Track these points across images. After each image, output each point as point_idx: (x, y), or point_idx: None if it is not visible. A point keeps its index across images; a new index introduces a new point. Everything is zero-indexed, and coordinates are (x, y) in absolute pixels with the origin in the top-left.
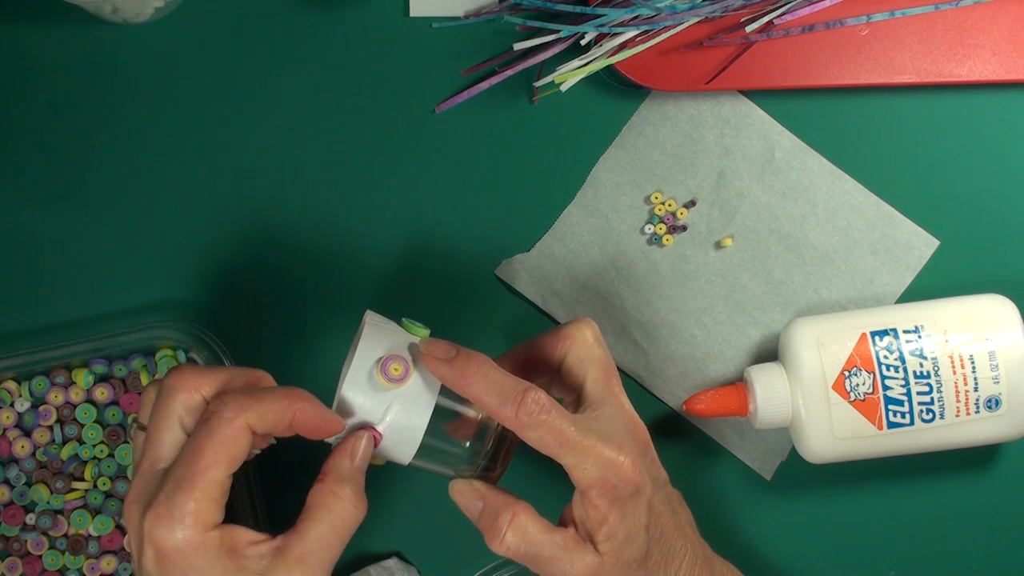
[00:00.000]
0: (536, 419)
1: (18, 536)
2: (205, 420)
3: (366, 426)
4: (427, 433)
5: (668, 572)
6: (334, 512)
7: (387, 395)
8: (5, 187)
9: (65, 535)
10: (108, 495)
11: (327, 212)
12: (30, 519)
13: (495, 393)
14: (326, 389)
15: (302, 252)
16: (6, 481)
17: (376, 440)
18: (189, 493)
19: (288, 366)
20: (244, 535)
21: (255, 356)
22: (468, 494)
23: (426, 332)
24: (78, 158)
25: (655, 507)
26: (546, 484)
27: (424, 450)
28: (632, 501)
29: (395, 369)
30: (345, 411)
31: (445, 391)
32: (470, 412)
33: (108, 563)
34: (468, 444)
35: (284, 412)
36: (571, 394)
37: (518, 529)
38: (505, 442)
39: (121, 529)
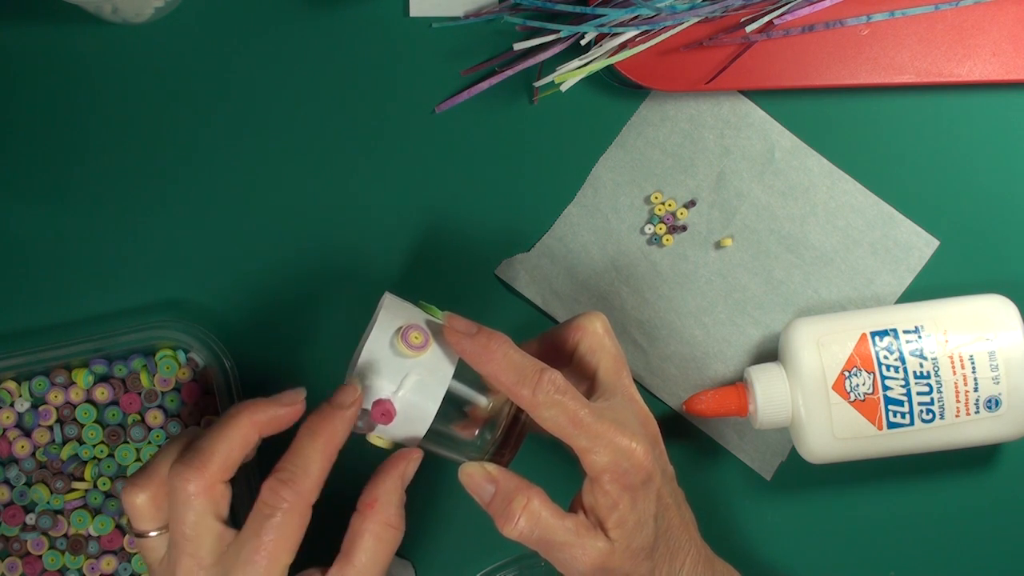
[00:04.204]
0: (551, 398)
1: (18, 536)
2: (267, 516)
3: (381, 400)
4: (439, 416)
5: (673, 566)
6: (382, 539)
7: (405, 364)
8: (5, 187)
9: (65, 535)
10: (108, 495)
11: (326, 213)
12: (30, 519)
13: (513, 371)
14: (327, 389)
15: (301, 252)
16: (6, 481)
17: (391, 413)
18: None
19: (288, 366)
20: None
21: (255, 356)
22: (479, 478)
23: (443, 314)
24: (78, 158)
25: (664, 498)
26: (552, 474)
27: (434, 433)
28: (643, 489)
29: (416, 337)
30: (362, 379)
31: (458, 377)
32: (482, 399)
33: (108, 563)
34: (479, 429)
35: (326, 459)
36: (583, 384)
37: (531, 514)
38: (516, 429)
39: (121, 529)
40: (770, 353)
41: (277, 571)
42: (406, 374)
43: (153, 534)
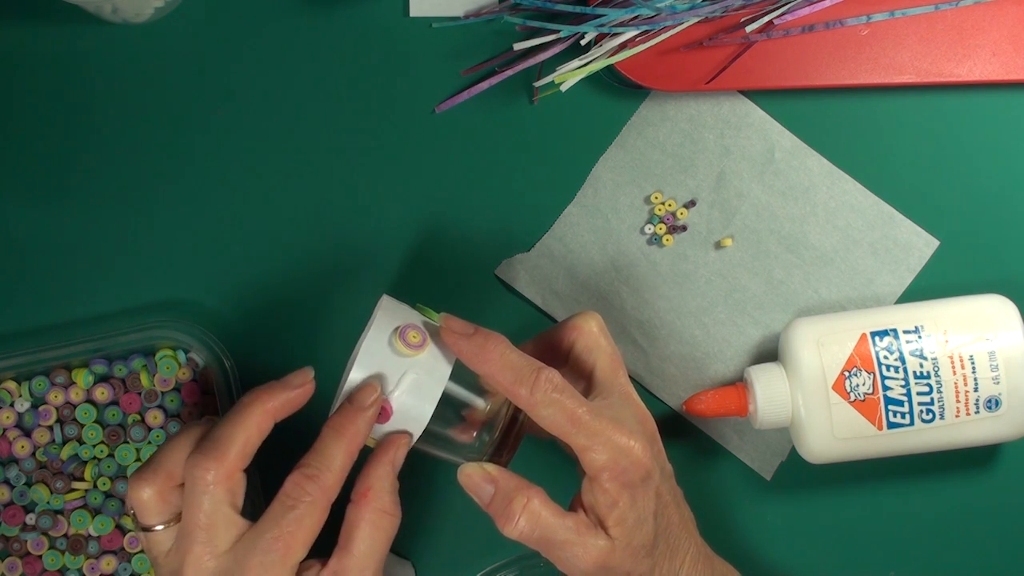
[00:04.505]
0: (549, 397)
1: (18, 536)
2: (289, 508)
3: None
4: (437, 417)
5: (673, 564)
6: (379, 527)
7: (402, 363)
8: (5, 186)
9: (65, 535)
10: (108, 495)
11: (326, 213)
12: (30, 519)
13: (510, 370)
14: (327, 389)
15: (301, 253)
16: (6, 481)
17: (387, 413)
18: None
19: (288, 366)
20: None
21: (255, 356)
22: (478, 478)
23: (440, 316)
24: (78, 158)
25: (663, 496)
26: (550, 474)
27: (432, 435)
28: (642, 486)
29: (413, 336)
30: (359, 381)
31: (456, 379)
32: (479, 401)
33: (108, 563)
34: (477, 431)
35: (349, 457)
36: (580, 383)
37: (532, 514)
38: (513, 430)
39: (121, 529)
40: (770, 353)
41: (291, 564)
42: (403, 374)
43: (159, 528)
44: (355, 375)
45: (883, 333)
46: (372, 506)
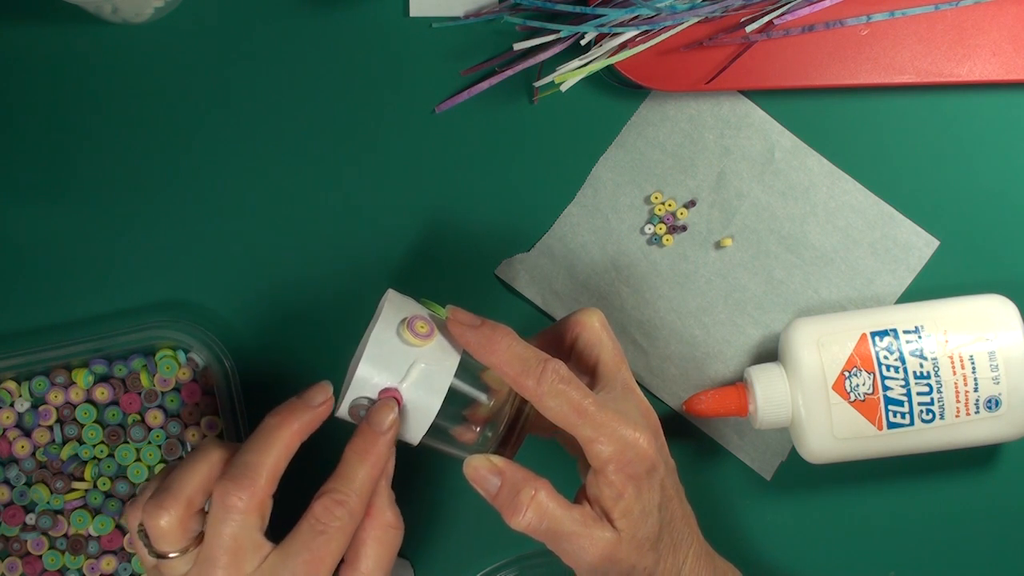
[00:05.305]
0: (555, 388)
1: (18, 536)
2: (319, 533)
3: (388, 390)
4: (443, 410)
5: (676, 558)
6: (385, 542)
7: (410, 354)
8: (5, 187)
9: (65, 535)
10: (108, 495)
11: (326, 213)
12: (30, 519)
13: (517, 362)
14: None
15: (300, 252)
16: (6, 481)
17: (397, 403)
18: None
19: (289, 366)
20: None
21: (255, 356)
22: (485, 471)
23: (447, 308)
24: (78, 158)
25: (667, 489)
26: (551, 471)
27: (438, 428)
28: (647, 479)
29: (421, 327)
30: (368, 371)
31: (461, 374)
32: (483, 395)
33: (108, 563)
34: (480, 426)
35: (372, 482)
36: (583, 378)
37: (539, 506)
38: (518, 424)
39: (121, 529)
40: (770, 353)
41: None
42: (411, 364)
43: (174, 555)
44: (364, 366)
45: (883, 333)
46: (376, 522)
